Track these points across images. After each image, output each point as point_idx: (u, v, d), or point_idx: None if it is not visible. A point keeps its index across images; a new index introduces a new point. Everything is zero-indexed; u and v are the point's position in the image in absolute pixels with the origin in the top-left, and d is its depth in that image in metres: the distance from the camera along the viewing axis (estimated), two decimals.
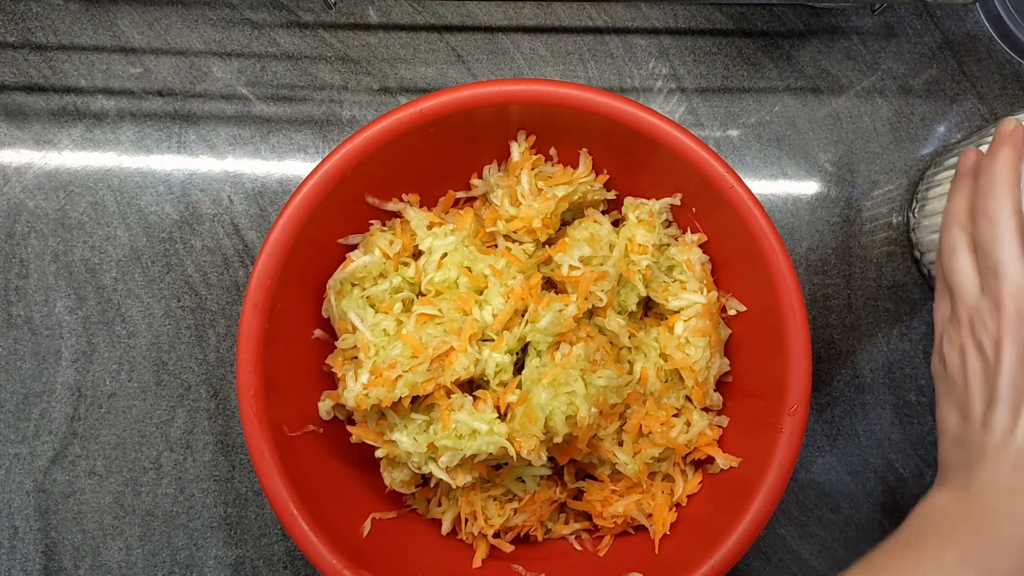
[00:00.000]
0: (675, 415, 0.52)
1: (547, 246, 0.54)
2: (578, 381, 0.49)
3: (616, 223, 0.55)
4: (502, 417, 0.50)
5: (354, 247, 0.53)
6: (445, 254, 0.51)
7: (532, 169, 0.53)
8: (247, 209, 0.60)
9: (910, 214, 0.61)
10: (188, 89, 0.61)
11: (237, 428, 0.58)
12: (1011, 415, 0.38)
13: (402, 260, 0.52)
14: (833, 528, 0.59)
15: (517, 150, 0.53)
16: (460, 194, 0.56)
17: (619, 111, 0.49)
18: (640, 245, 0.53)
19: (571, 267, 0.51)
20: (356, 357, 0.51)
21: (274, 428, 0.47)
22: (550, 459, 0.51)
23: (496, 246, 0.54)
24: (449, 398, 0.49)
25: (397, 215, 0.54)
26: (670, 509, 0.52)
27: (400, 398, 0.48)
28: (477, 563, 0.52)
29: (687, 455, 0.53)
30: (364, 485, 0.53)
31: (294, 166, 0.61)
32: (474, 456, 0.48)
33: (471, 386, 0.52)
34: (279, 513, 0.46)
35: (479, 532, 0.51)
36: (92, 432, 0.58)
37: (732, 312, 0.54)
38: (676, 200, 0.54)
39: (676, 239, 0.55)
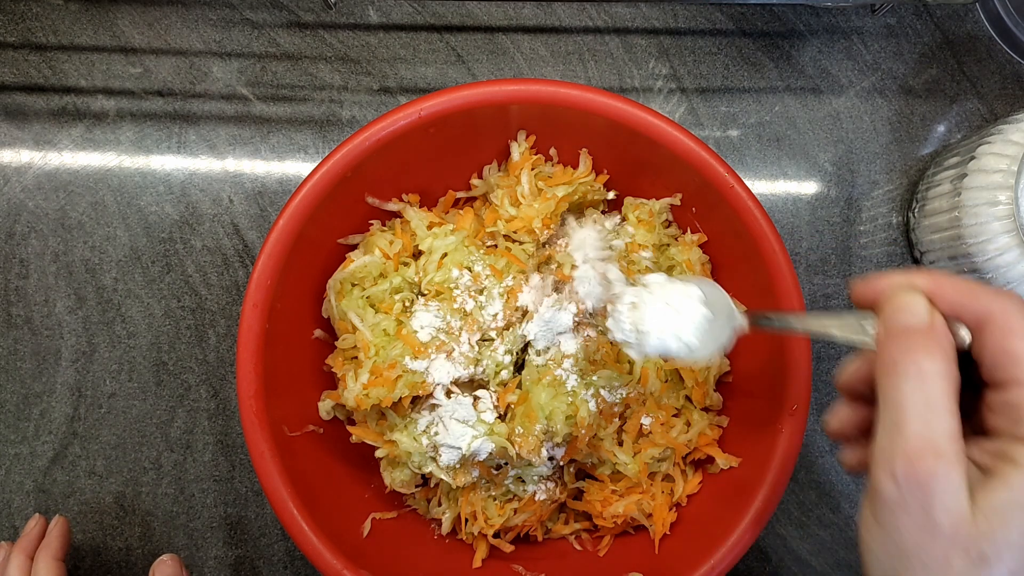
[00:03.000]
0: (675, 415, 0.52)
1: (547, 246, 0.54)
2: (578, 381, 0.49)
3: (616, 223, 0.55)
4: (502, 417, 0.50)
5: (354, 247, 0.53)
6: (445, 254, 0.51)
7: (532, 169, 0.53)
8: (247, 209, 0.60)
9: (910, 214, 0.61)
10: (188, 89, 0.61)
11: (237, 428, 0.58)
12: None
13: (402, 260, 0.52)
14: (833, 528, 0.59)
15: (517, 150, 0.53)
16: (460, 194, 0.56)
17: (619, 111, 0.49)
18: (640, 245, 0.53)
19: (572, 267, 0.51)
20: (356, 357, 0.51)
21: (274, 428, 0.47)
22: (550, 459, 0.51)
23: (496, 246, 0.54)
24: (449, 398, 0.49)
25: (397, 215, 0.54)
26: (670, 509, 0.52)
27: (400, 398, 0.48)
28: (477, 563, 0.52)
29: (687, 455, 0.53)
30: (364, 485, 0.53)
31: (294, 166, 0.61)
32: (474, 456, 0.48)
33: (471, 386, 0.52)
34: (279, 513, 0.46)
35: (479, 532, 0.51)
36: (92, 432, 0.58)
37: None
38: (676, 200, 0.54)
39: (676, 239, 0.55)
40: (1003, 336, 0.28)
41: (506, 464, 0.51)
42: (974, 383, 0.30)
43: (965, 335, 0.30)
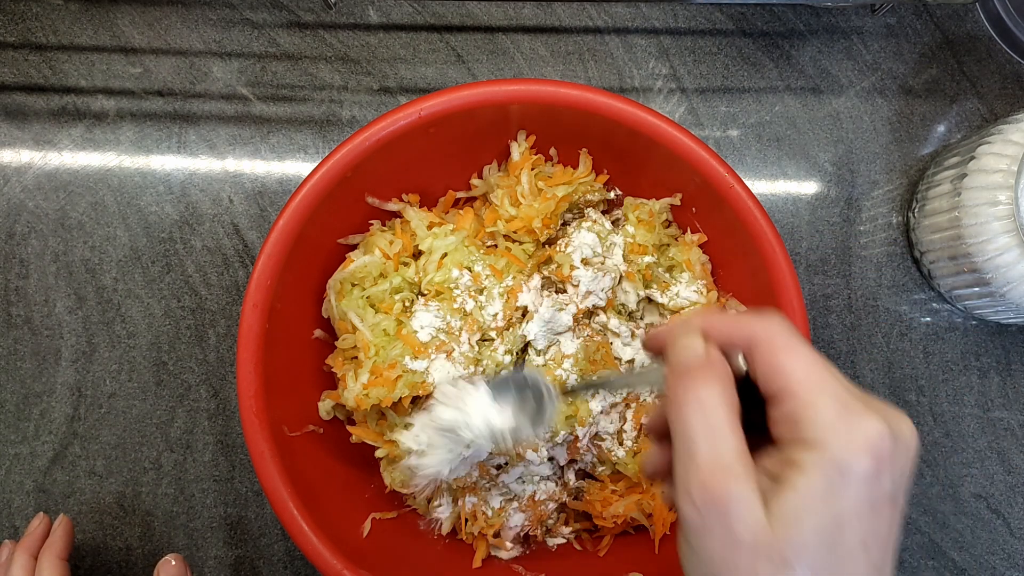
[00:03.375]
0: None
1: (547, 246, 0.54)
2: (578, 381, 0.49)
3: (616, 223, 0.55)
4: None
5: (354, 247, 0.53)
6: (445, 254, 0.51)
7: (532, 169, 0.53)
8: (247, 209, 0.60)
9: (910, 214, 0.61)
10: (188, 89, 0.61)
11: (237, 428, 0.58)
12: None
13: (402, 260, 0.52)
14: None
15: (517, 150, 0.53)
16: (460, 194, 0.56)
17: (619, 111, 0.49)
18: (640, 245, 0.53)
19: (571, 267, 0.51)
20: (356, 357, 0.51)
21: (274, 428, 0.47)
22: (550, 459, 0.51)
23: (496, 246, 0.54)
24: None
25: (397, 215, 0.54)
26: (670, 509, 0.52)
27: (400, 398, 0.48)
28: (477, 563, 0.52)
29: None
30: (364, 485, 0.53)
31: (294, 166, 0.61)
32: (474, 455, 0.48)
33: None
34: (279, 513, 0.46)
35: (479, 532, 0.51)
36: (92, 432, 0.58)
37: (732, 312, 0.54)
38: (676, 200, 0.54)
39: (676, 239, 0.55)
40: (769, 354, 0.30)
41: (506, 463, 0.51)
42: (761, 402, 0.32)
43: (742, 362, 0.32)
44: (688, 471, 0.29)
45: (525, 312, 0.51)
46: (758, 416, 0.31)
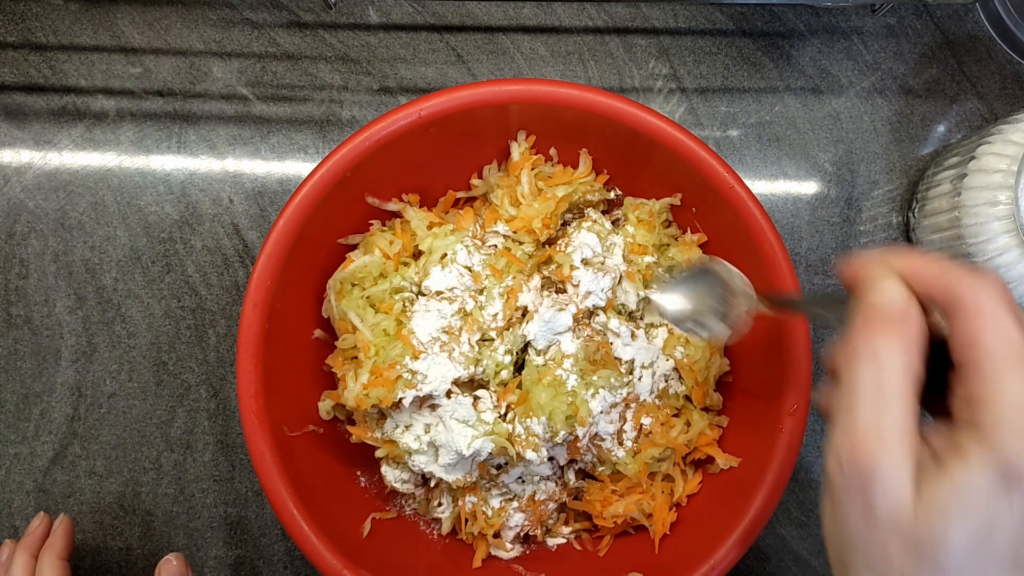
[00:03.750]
0: (675, 415, 0.52)
1: (547, 246, 0.54)
2: (578, 381, 0.49)
3: (616, 223, 0.55)
4: (503, 417, 0.50)
5: (354, 247, 0.53)
6: (445, 254, 0.51)
7: (532, 169, 0.53)
8: (247, 209, 0.60)
9: (910, 214, 0.61)
10: (188, 89, 0.61)
11: (237, 428, 0.58)
12: None
13: (402, 260, 0.52)
14: None
15: (517, 150, 0.53)
16: (460, 194, 0.56)
17: (619, 111, 0.49)
18: (640, 245, 0.53)
19: (571, 267, 0.51)
20: (356, 357, 0.51)
21: (274, 428, 0.47)
22: (550, 459, 0.51)
23: (496, 246, 0.54)
24: (449, 398, 0.49)
25: (397, 215, 0.54)
26: (670, 509, 0.52)
27: (400, 398, 0.48)
28: (477, 563, 0.52)
29: (687, 455, 0.53)
30: (364, 485, 0.53)
31: (294, 166, 0.61)
32: (474, 456, 0.48)
33: (471, 386, 0.52)
34: (279, 513, 0.46)
35: (479, 532, 0.51)
36: (92, 432, 0.58)
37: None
38: (676, 200, 0.54)
39: (676, 239, 0.55)
40: (967, 319, 0.27)
41: (506, 463, 0.51)
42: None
43: (943, 323, 0.28)
44: (843, 428, 0.27)
45: (525, 312, 0.51)
46: (943, 384, 0.28)
